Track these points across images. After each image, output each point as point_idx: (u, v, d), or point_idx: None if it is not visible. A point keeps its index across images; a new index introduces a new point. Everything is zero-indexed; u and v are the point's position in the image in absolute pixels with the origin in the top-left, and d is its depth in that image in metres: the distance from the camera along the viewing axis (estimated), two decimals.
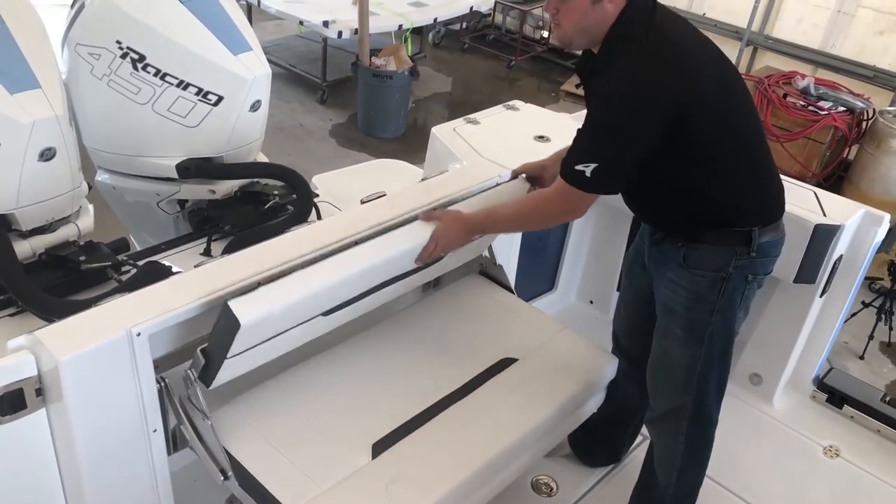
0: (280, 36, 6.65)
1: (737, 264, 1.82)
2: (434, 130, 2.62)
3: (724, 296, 1.84)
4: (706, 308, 1.86)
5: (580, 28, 1.73)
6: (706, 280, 1.83)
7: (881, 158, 4.84)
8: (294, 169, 2.59)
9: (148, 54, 2.30)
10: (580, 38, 1.77)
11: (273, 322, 1.67)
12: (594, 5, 1.69)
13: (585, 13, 1.70)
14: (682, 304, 1.88)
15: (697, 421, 2.00)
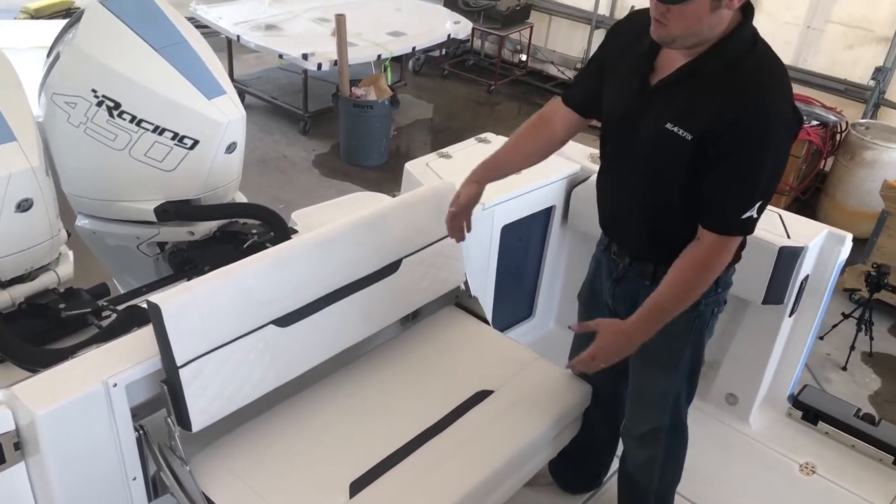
0: (261, 69, 6.72)
1: (706, 302, 1.87)
2: (407, 166, 2.67)
3: (695, 331, 1.92)
4: (680, 344, 1.93)
5: (690, 31, 1.60)
6: (682, 320, 1.85)
7: (855, 170, 4.92)
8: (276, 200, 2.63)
9: (123, 101, 2.34)
10: (685, 41, 1.64)
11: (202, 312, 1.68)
12: (712, 12, 1.57)
13: (701, 18, 1.58)
14: (657, 343, 1.88)
15: (674, 431, 2.09)
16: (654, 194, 1.79)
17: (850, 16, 5.37)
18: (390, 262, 2.11)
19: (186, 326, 1.65)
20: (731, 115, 1.60)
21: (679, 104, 1.67)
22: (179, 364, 1.64)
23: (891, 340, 4.17)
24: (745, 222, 1.68)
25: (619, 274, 1.97)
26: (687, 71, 1.67)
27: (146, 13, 2.48)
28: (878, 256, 4.16)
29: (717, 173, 1.65)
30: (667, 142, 1.68)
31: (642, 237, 1.90)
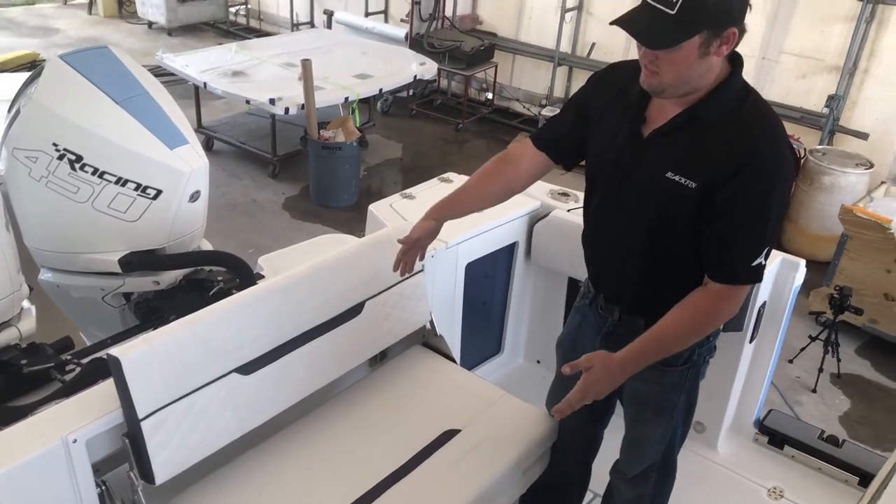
0: (229, 114, 6.76)
1: (699, 352, 1.88)
2: (371, 208, 2.70)
3: (689, 379, 1.92)
4: (676, 394, 1.93)
5: (681, 79, 1.60)
6: (676, 373, 1.88)
7: (815, 195, 5.03)
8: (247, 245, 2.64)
9: (85, 154, 2.35)
10: (676, 89, 1.63)
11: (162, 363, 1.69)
12: (701, 59, 1.57)
13: (691, 65, 1.57)
14: (653, 395, 1.92)
15: (665, 470, 2.10)
16: (655, 244, 1.76)
17: (802, 47, 5.55)
18: (353, 305, 2.13)
19: (147, 378, 1.65)
20: (736, 163, 1.60)
21: (678, 153, 1.67)
22: (141, 416, 1.64)
23: (857, 361, 4.24)
24: (754, 270, 1.67)
25: (608, 329, 1.94)
26: (684, 119, 1.67)
27: (107, 66, 2.51)
28: (840, 279, 4.24)
29: (725, 222, 1.64)
30: (669, 191, 1.67)
31: (637, 290, 1.86)
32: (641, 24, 1.55)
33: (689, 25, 1.52)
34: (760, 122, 1.64)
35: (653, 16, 1.53)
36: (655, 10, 1.53)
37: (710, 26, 1.53)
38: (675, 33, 1.53)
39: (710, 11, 1.52)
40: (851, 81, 5.37)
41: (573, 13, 6.66)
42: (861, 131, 5.36)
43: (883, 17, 5.16)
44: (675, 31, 1.53)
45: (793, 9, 5.51)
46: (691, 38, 1.53)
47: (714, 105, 1.64)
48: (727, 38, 1.56)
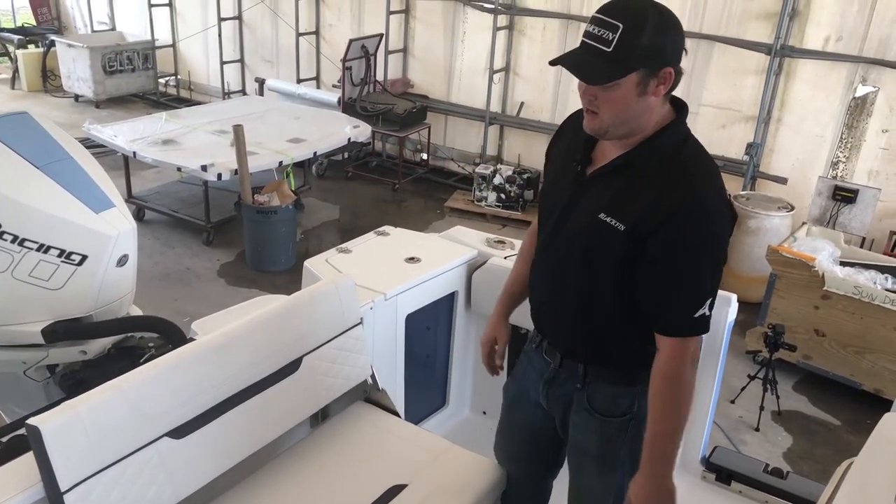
0: (160, 183, 6.65)
1: (640, 402, 1.82)
2: (307, 264, 2.67)
3: (631, 431, 1.86)
4: (617, 446, 1.87)
5: (620, 119, 1.64)
6: (615, 424, 1.84)
7: (743, 239, 5.21)
8: (181, 313, 2.57)
9: (3, 222, 2.28)
10: (617, 130, 1.67)
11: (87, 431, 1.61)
12: (640, 98, 1.61)
13: (629, 105, 1.61)
14: (593, 445, 1.89)
15: None
16: (587, 286, 1.76)
17: (719, 99, 5.83)
18: (290, 361, 2.07)
19: (70, 447, 1.55)
20: (665, 210, 1.61)
21: (612, 195, 1.69)
22: (64, 489, 1.54)
23: (795, 397, 4.33)
24: (698, 321, 1.65)
25: (549, 375, 1.93)
26: (621, 162, 1.69)
27: (26, 132, 2.46)
28: (772, 317, 4.36)
29: (660, 271, 1.64)
30: (600, 232, 1.68)
31: (574, 332, 1.85)
32: (580, 62, 1.61)
33: (625, 63, 1.57)
34: (695, 171, 1.66)
35: (590, 54, 1.59)
36: (593, 48, 1.59)
37: (646, 65, 1.59)
38: (612, 70, 1.58)
39: (644, 50, 1.57)
40: (767, 130, 5.65)
41: (501, 74, 6.86)
42: (780, 176, 5.62)
43: (789, 69, 5.48)
44: (612, 68, 1.58)
45: (707, 64, 5.81)
46: (627, 76, 1.58)
47: (649, 151, 1.67)
48: (663, 77, 1.61)
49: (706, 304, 1.64)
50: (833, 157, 5.39)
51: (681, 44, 1.63)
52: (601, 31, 1.57)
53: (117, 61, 8.89)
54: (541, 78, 6.70)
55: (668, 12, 1.62)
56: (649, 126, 1.66)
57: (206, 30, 8.73)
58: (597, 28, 1.59)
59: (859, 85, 5.23)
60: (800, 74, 5.46)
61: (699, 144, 1.73)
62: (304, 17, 7.92)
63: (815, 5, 5.29)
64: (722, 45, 5.68)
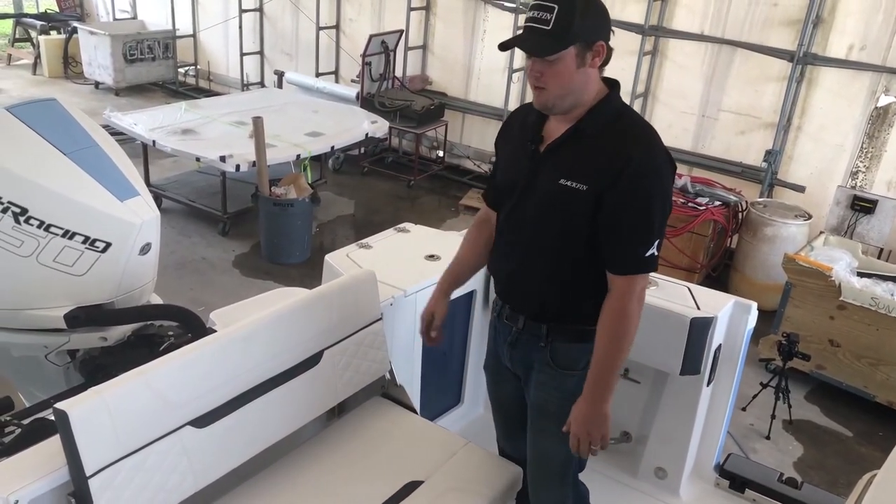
0: (178, 172, 6.69)
1: None
2: (328, 258, 2.68)
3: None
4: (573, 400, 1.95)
5: (565, 90, 1.86)
6: (575, 378, 1.96)
7: (759, 246, 5.19)
8: (196, 303, 2.58)
9: (31, 207, 2.30)
10: (563, 102, 1.88)
11: (112, 417, 1.62)
12: (579, 69, 1.83)
13: (572, 76, 1.84)
14: (554, 402, 1.99)
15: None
16: (559, 247, 1.95)
17: (739, 105, 5.80)
18: (311, 355, 2.08)
19: (96, 433, 1.57)
20: (618, 165, 1.83)
21: (569, 162, 1.91)
22: (89, 474, 1.56)
23: (807, 407, 4.31)
24: (647, 260, 1.86)
25: (512, 338, 2.07)
26: (571, 133, 1.92)
27: (55, 119, 2.47)
28: (787, 326, 4.34)
29: (614, 219, 1.86)
30: (564, 196, 1.89)
31: (542, 296, 2.01)
32: (526, 39, 1.85)
33: (563, 38, 1.80)
34: (637, 131, 1.90)
35: (534, 34, 1.82)
36: (535, 29, 1.82)
37: (581, 39, 1.82)
38: (554, 44, 1.81)
39: (578, 27, 1.81)
40: (786, 137, 5.62)
41: (520, 73, 6.85)
42: (798, 184, 5.59)
43: (811, 77, 5.45)
44: (553, 43, 1.81)
45: (728, 69, 5.78)
46: (567, 49, 1.81)
47: (594, 120, 1.90)
48: (597, 50, 1.85)
49: (654, 244, 1.86)
50: (853, 167, 5.36)
51: (608, 23, 1.88)
52: (540, 14, 1.81)
53: (138, 50, 8.94)
54: None
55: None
56: (589, 99, 1.90)
57: (226, 21, 8.75)
58: (537, 12, 1.82)
59: (882, 95, 5.19)
60: (821, 82, 5.43)
61: (633, 112, 1.99)
62: (325, 11, 7.93)
63: (839, 13, 5.25)
64: (744, 51, 5.65)
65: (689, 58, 5.95)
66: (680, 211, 5.31)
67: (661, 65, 6.12)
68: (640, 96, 6.18)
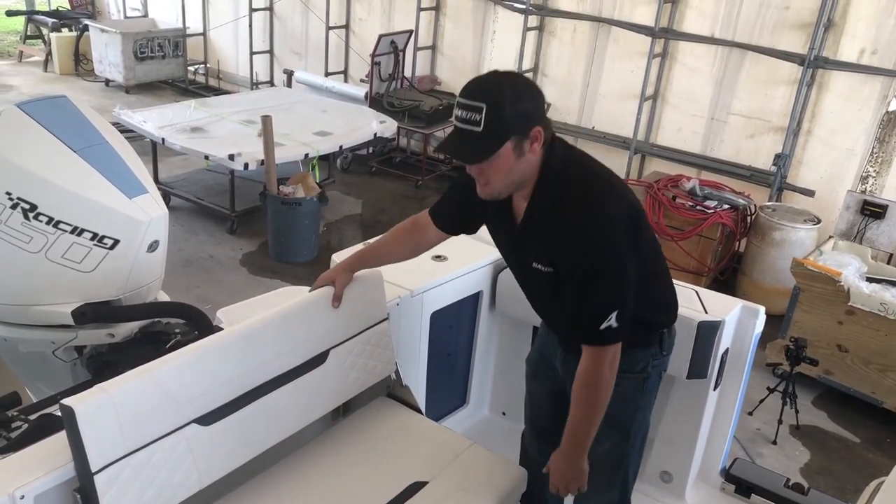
0: (187, 171, 6.71)
1: (653, 363, 2.00)
2: (335, 257, 2.68)
3: (644, 394, 2.02)
4: (631, 407, 2.01)
5: (509, 181, 1.82)
6: (632, 381, 1.98)
7: (767, 250, 5.17)
8: (203, 301, 2.58)
9: (40, 203, 2.30)
10: (508, 190, 1.86)
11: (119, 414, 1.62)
12: (519, 159, 1.78)
13: (512, 168, 1.78)
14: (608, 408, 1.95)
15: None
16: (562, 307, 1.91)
17: (748, 108, 5.78)
18: (317, 354, 2.08)
19: (102, 429, 1.57)
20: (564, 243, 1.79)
21: (533, 245, 1.89)
22: (94, 470, 1.56)
23: (814, 412, 4.29)
24: (605, 332, 1.79)
25: (565, 344, 2.07)
26: (527, 218, 1.89)
27: (64, 115, 2.48)
28: (794, 331, 4.32)
29: (571, 293, 1.83)
30: (539, 276, 1.89)
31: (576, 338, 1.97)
32: (458, 146, 1.79)
33: (497, 137, 1.73)
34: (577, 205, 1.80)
35: (465, 137, 1.74)
36: (466, 132, 1.74)
37: (515, 132, 1.75)
38: (487, 146, 1.75)
39: (510, 121, 1.73)
40: (796, 141, 5.59)
41: (529, 75, 6.85)
42: (808, 188, 5.56)
43: (822, 81, 5.42)
44: (487, 145, 1.74)
45: (738, 72, 5.76)
46: (503, 146, 1.74)
47: (542, 195, 1.84)
48: (534, 136, 1.77)
49: (611, 316, 1.78)
50: (863, 172, 5.33)
51: (541, 105, 1.81)
52: (469, 115, 1.72)
53: (148, 48, 8.97)
54: (569, 80, 6.68)
55: (520, 81, 1.82)
56: (535, 173, 1.83)
57: (236, 19, 8.78)
58: (464, 112, 1.73)
59: (893, 99, 5.16)
60: (832, 86, 5.40)
61: (580, 164, 1.87)
62: (335, 10, 7.94)
63: (851, 17, 5.22)
64: (754, 54, 5.63)
65: (698, 60, 5.93)
66: (688, 214, 5.30)
67: (670, 67, 6.11)
68: (650, 99, 6.17)
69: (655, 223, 5.32)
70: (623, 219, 1.81)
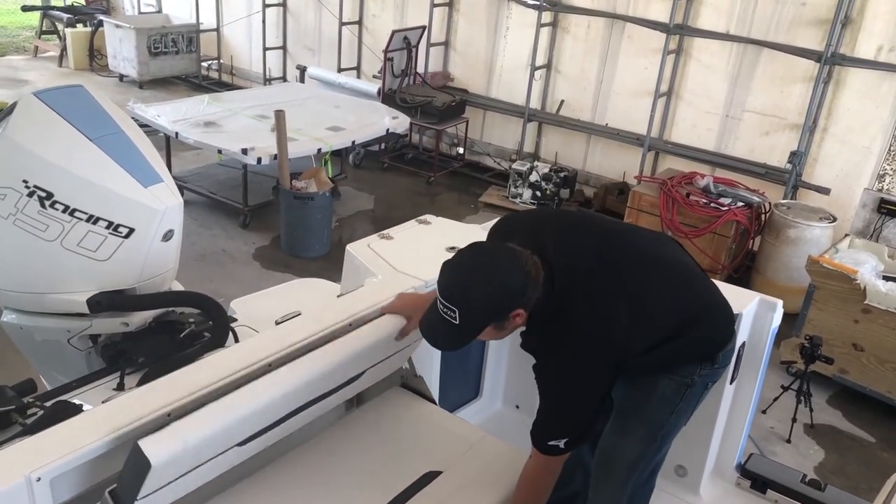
0: (200, 165, 6.73)
1: (701, 373, 1.95)
2: (349, 248, 2.67)
3: (684, 399, 1.97)
4: (666, 409, 1.97)
5: (498, 339, 1.92)
6: (673, 384, 1.94)
7: (781, 248, 5.13)
8: (216, 294, 2.58)
9: (56, 191, 2.30)
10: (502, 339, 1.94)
11: (186, 458, 1.62)
12: (502, 331, 1.83)
13: (496, 336, 1.85)
14: (644, 404, 1.97)
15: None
16: None
17: (764, 105, 5.74)
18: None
19: (165, 476, 1.58)
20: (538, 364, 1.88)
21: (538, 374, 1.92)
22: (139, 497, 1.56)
23: (829, 411, 4.26)
24: (550, 448, 1.86)
25: None
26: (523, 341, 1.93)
27: (81, 104, 2.48)
28: (809, 329, 4.29)
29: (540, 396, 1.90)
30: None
31: None
32: (437, 333, 1.85)
33: (471, 329, 1.80)
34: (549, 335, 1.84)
35: (444, 325, 1.80)
36: (446, 321, 1.79)
37: (492, 320, 1.79)
38: (463, 337, 1.82)
39: (484, 314, 1.77)
40: (812, 139, 5.55)
41: (542, 71, 6.83)
42: (823, 186, 5.52)
43: (839, 78, 5.38)
44: (462, 336, 1.82)
45: (753, 69, 5.73)
46: (479, 334, 1.81)
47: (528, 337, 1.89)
48: (514, 316, 1.79)
49: (562, 439, 1.85)
50: (880, 170, 5.28)
51: (515, 286, 1.76)
52: (446, 311, 1.77)
53: (162, 43, 9.02)
54: (582, 77, 6.66)
55: (489, 271, 1.77)
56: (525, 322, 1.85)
57: (250, 15, 8.80)
58: (443, 306, 1.78)
59: None
60: (849, 84, 5.36)
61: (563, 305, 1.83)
62: (348, 6, 7.95)
63: (868, 14, 5.18)
64: (770, 51, 5.59)
65: (714, 57, 5.90)
66: (702, 211, 5.27)
67: (685, 64, 6.08)
68: (664, 95, 6.14)
69: (669, 220, 5.29)
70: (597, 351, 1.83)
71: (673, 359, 1.94)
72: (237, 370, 1.80)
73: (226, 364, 1.83)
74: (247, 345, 2.03)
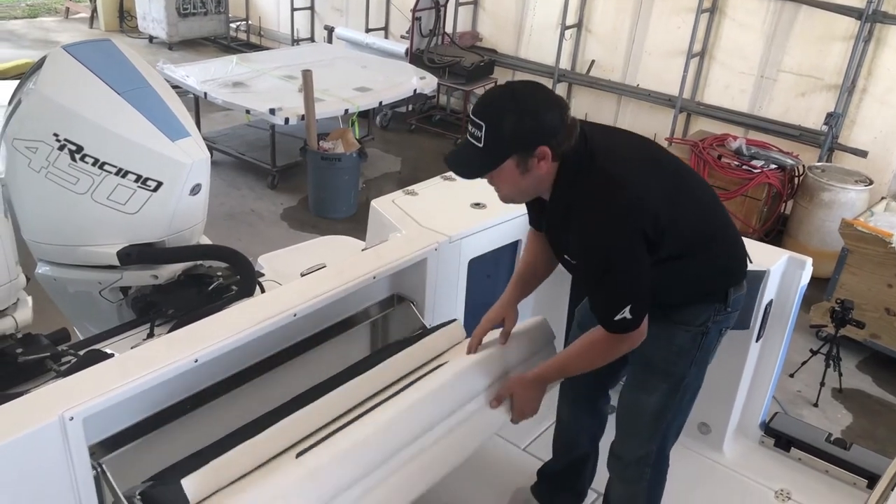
0: (228, 126, 6.76)
1: (715, 319, 1.95)
2: (374, 203, 2.68)
3: (702, 349, 1.97)
4: (685, 361, 1.97)
5: (518, 191, 1.85)
6: (689, 334, 1.94)
7: (815, 212, 5.04)
8: (244, 253, 2.60)
9: (86, 145, 2.33)
10: (522, 198, 1.90)
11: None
12: (525, 174, 1.77)
13: (518, 181, 1.79)
14: (662, 356, 1.98)
15: (658, 464, 2.13)
16: None
17: (800, 65, 5.59)
18: None
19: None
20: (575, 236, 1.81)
21: (563, 239, 1.90)
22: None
23: (858, 376, 4.21)
24: (618, 323, 1.80)
25: None
26: (549, 220, 1.92)
27: (109, 58, 2.49)
28: (841, 293, 4.22)
29: (588, 285, 1.88)
30: (569, 266, 1.94)
31: None
32: (458, 160, 1.82)
33: (496, 154, 1.74)
34: (585, 201, 1.78)
35: (469, 150, 1.77)
36: (470, 145, 1.76)
37: (518, 150, 1.74)
38: (484, 164, 1.77)
39: (511, 140, 1.73)
40: (850, 100, 5.40)
41: (573, 31, 6.71)
42: (860, 149, 5.39)
43: (881, 36, 5.21)
44: (485, 162, 1.77)
45: (790, 28, 5.57)
46: (502, 164, 1.75)
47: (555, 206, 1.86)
48: (540, 155, 1.74)
49: (625, 308, 1.77)
50: None
51: (548, 121, 1.73)
52: (473, 130, 1.74)
53: (191, 4, 9.02)
54: (613, 36, 6.53)
55: (525, 99, 1.74)
56: (550, 183, 1.82)
57: None
58: (471, 126, 1.75)
59: None
60: (891, 42, 5.19)
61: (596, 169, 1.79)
62: None
63: None
64: (808, 9, 5.43)
65: (749, 15, 5.74)
66: (734, 174, 5.18)
67: (719, 23, 5.93)
68: (696, 56, 6.00)
69: None
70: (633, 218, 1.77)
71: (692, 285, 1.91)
72: (261, 320, 1.83)
73: (250, 313, 1.85)
74: (271, 295, 2.05)
